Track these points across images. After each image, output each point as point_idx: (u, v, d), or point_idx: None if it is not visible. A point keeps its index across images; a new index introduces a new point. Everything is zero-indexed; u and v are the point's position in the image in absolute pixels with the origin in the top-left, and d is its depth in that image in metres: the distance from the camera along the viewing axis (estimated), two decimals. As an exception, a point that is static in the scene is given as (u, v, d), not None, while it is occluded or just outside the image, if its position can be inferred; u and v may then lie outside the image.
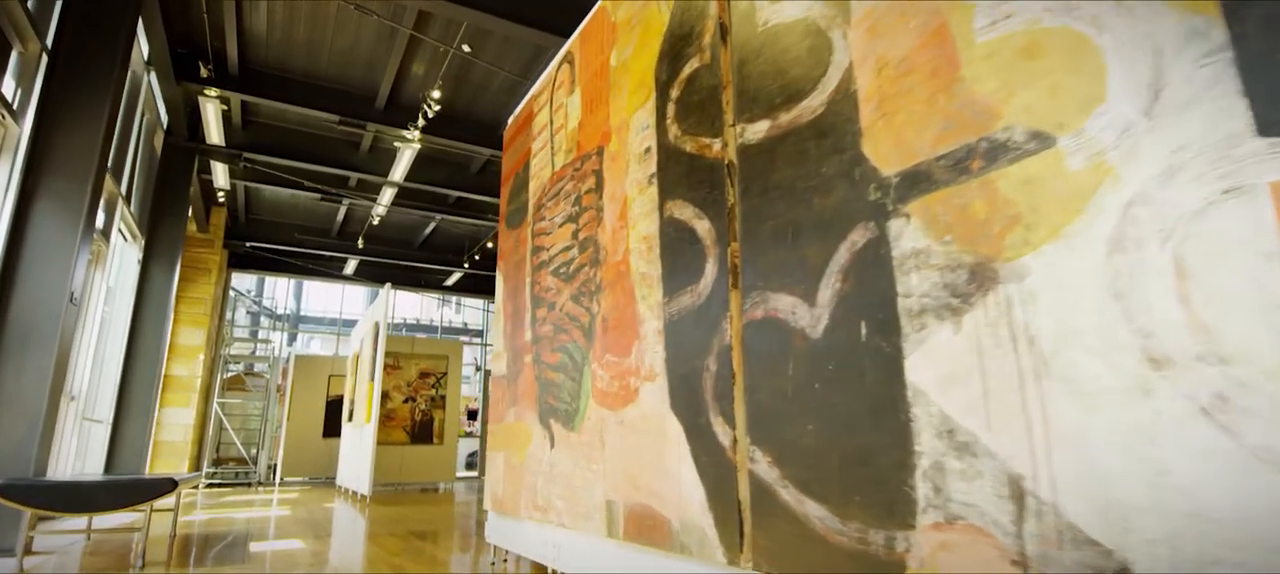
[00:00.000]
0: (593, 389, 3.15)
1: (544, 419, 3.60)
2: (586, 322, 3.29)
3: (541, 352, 3.74)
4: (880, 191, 1.83)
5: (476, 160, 10.23)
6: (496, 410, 4.28)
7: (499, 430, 4.19)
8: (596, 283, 3.23)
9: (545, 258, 3.83)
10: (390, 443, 11.29)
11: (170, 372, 11.25)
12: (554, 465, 3.42)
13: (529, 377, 3.86)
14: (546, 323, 3.72)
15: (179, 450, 11.12)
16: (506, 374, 4.20)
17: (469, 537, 5.62)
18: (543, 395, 3.66)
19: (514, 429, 3.96)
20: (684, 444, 2.47)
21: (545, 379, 3.65)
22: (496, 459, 4.17)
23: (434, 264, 13.73)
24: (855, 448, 1.79)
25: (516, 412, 3.97)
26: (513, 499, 3.84)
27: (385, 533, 5.84)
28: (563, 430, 3.38)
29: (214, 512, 7.70)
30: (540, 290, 3.85)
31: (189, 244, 11.63)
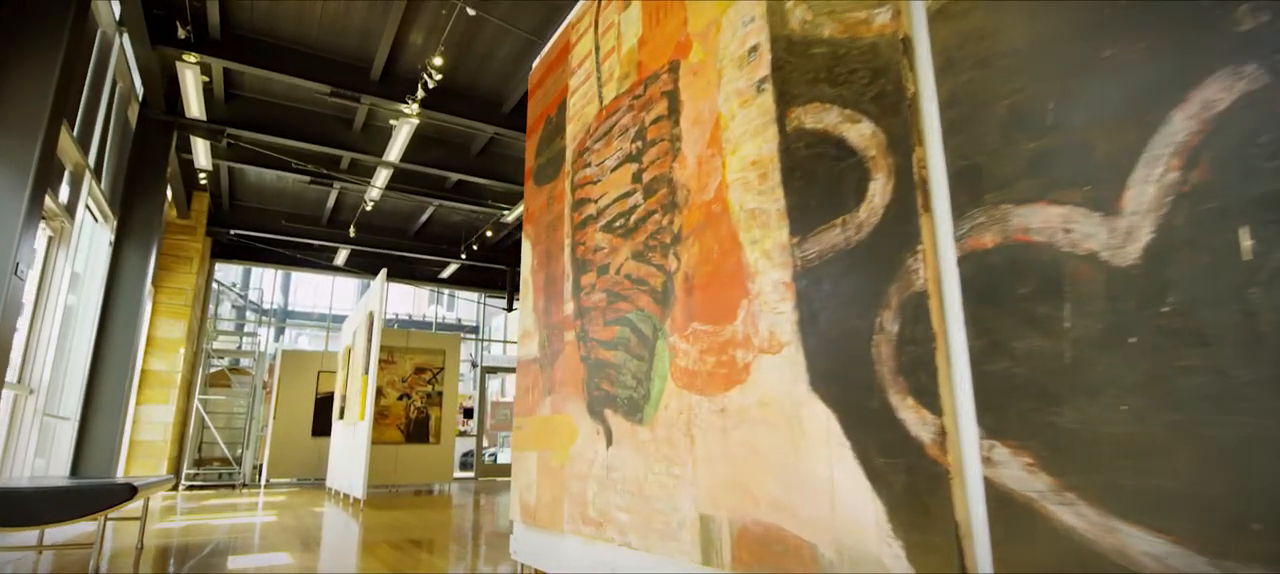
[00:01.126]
0: (671, 369, 2.37)
1: (595, 410, 2.82)
2: (658, 283, 2.51)
3: (590, 326, 2.96)
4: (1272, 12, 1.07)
5: (478, 140, 9.42)
6: (526, 401, 3.49)
7: (530, 425, 3.40)
8: (673, 232, 2.46)
9: (591, 212, 3.05)
10: (384, 442, 10.45)
11: (148, 366, 10.37)
12: (612, 468, 2.64)
13: (572, 358, 3.07)
14: (596, 290, 2.93)
15: (157, 450, 10.24)
16: (539, 357, 3.41)
17: (475, 546, 4.83)
18: (593, 380, 2.88)
19: (551, 424, 3.17)
20: (838, 439, 1.70)
21: (596, 360, 2.87)
22: (526, 461, 3.38)
23: (429, 255, 12.89)
24: (1235, 440, 1.03)
25: (554, 401, 3.18)
26: (550, 509, 3.05)
27: (381, 541, 5.05)
28: (625, 423, 2.60)
29: (192, 518, 6.85)
30: (585, 252, 3.06)
31: (169, 231, 10.75)
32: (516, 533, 3.43)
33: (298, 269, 13.28)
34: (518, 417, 3.53)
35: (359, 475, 7.57)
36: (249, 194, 11.36)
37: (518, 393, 3.58)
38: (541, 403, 3.31)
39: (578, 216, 3.17)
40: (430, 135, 9.43)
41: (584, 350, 2.97)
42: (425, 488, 11.02)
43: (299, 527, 5.97)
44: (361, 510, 7.35)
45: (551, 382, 3.23)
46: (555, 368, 3.21)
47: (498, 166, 9.88)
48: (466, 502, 8.68)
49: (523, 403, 3.51)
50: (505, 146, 9.73)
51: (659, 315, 2.48)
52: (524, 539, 3.35)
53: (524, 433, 3.44)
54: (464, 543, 5.12)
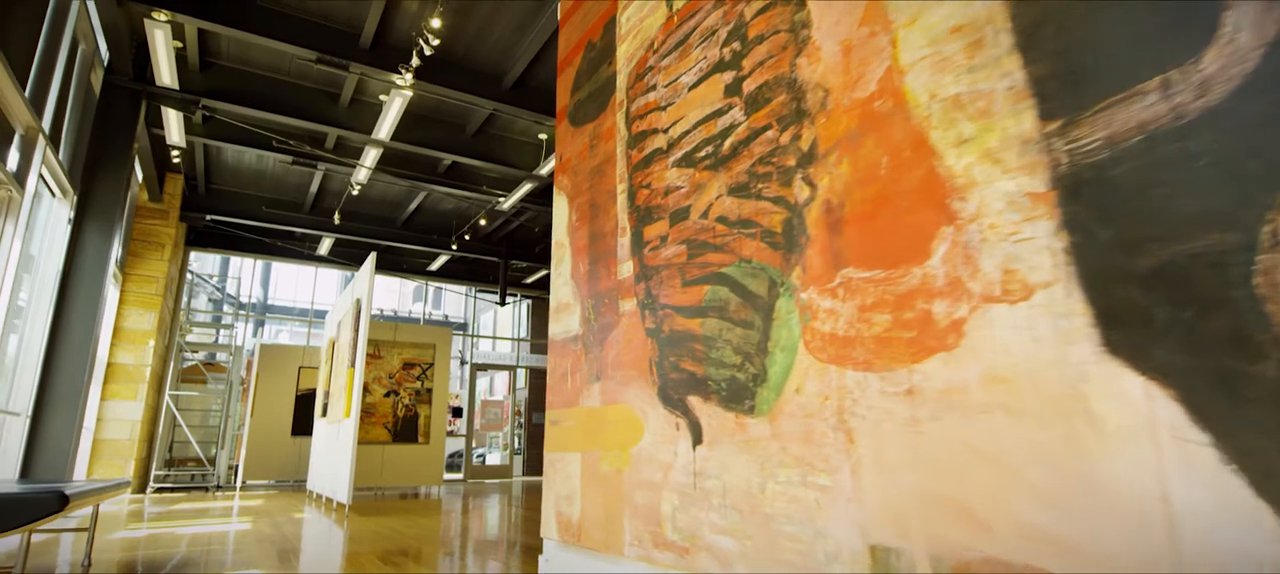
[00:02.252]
0: (806, 337, 1.66)
1: (672, 397, 2.11)
2: (776, 222, 1.80)
3: (661, 290, 2.24)
4: None
5: (474, 119, 8.67)
6: (563, 390, 2.76)
7: (570, 420, 2.67)
8: (801, 151, 1.75)
9: (659, 145, 2.34)
10: (370, 442, 9.65)
11: (114, 359, 9.51)
12: (704, 475, 1.92)
13: (633, 333, 2.36)
14: (670, 243, 2.22)
15: (123, 450, 9.37)
16: (581, 334, 2.69)
17: (481, 560, 4.10)
18: (667, 359, 2.16)
19: (601, 417, 2.45)
20: (1178, 430, 1.00)
21: (673, 333, 2.15)
22: (565, 465, 2.65)
23: (418, 245, 12.08)
24: None
25: (606, 389, 2.46)
26: (604, 528, 2.33)
27: (369, 551, 4.31)
28: (725, 415, 1.89)
29: (158, 525, 6.04)
30: (651, 197, 2.35)
31: (140, 215, 9.90)
32: (550, 555, 2.70)
33: (278, 259, 12.43)
34: (552, 409, 2.80)
35: (343, 478, 6.78)
36: (227, 177, 10.51)
37: (551, 381, 2.86)
38: (586, 391, 2.59)
39: (637, 154, 2.45)
40: (423, 113, 8.67)
41: (653, 321, 2.25)
42: (412, 491, 10.23)
43: (276, 536, 5.20)
44: (346, 517, 6.57)
45: (601, 364, 2.51)
46: (606, 347, 2.50)
47: (495, 148, 9.13)
48: (459, 506, 7.92)
49: (558, 392, 2.79)
50: (503, 126, 8.98)
51: (779, 265, 1.77)
52: (562, 563, 2.62)
53: (561, 430, 2.71)
54: (464, 555, 4.39)
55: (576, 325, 2.72)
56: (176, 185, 10.12)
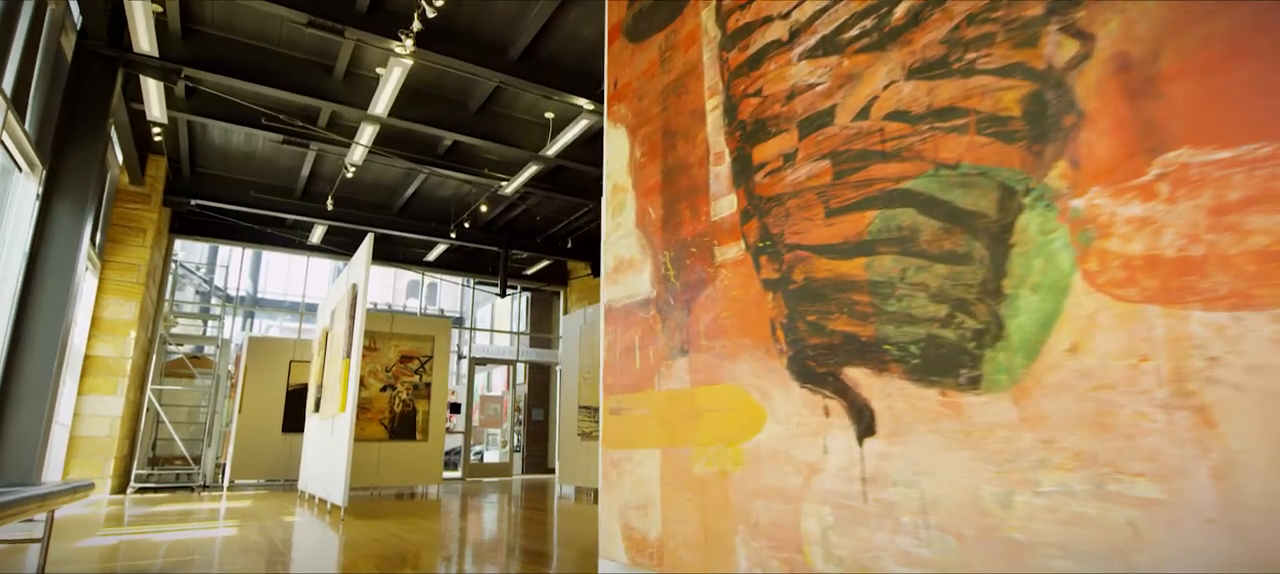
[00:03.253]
0: (1088, 267, 1.04)
1: (816, 371, 1.48)
2: (1011, 102, 1.18)
3: (787, 226, 1.62)
4: None
5: (477, 95, 8.01)
6: (628, 370, 2.13)
7: (640, 407, 2.04)
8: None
9: (776, 37, 1.71)
10: (365, 439, 8.98)
11: (93, 352, 8.79)
12: (882, 481, 1.30)
13: (741, 288, 1.73)
14: (801, 163, 1.60)
15: (102, 448, 8.66)
16: (656, 297, 2.06)
17: (500, 569, 3.48)
18: (805, 320, 1.54)
19: (694, 403, 1.83)
20: None
21: (813, 283, 1.53)
22: (635, 466, 2.02)
23: (415, 234, 11.40)
24: None
25: (701, 365, 1.83)
26: (704, 549, 1.70)
27: (369, 556, 3.68)
28: (922, 393, 1.27)
29: (136, 530, 5.36)
30: (763, 106, 1.73)
31: (120, 199, 9.18)
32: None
33: (268, 247, 11.70)
34: (613, 395, 2.17)
35: (338, 478, 6.12)
36: (213, 159, 9.80)
37: (608, 359, 2.23)
38: (665, 369, 1.96)
39: (739, 54, 1.82)
40: (422, 88, 8.01)
41: (775, 269, 1.63)
42: (408, 491, 9.57)
43: (265, 543, 4.54)
44: (341, 520, 5.91)
45: (689, 333, 1.89)
46: (696, 310, 1.87)
47: (499, 127, 8.48)
48: (461, 508, 7.28)
49: (620, 373, 2.16)
50: (508, 104, 8.33)
51: (1020, 164, 1.15)
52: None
53: (627, 421, 2.08)
54: (471, 564, 3.76)
55: (646, 286, 2.09)
56: (159, 168, 9.40)
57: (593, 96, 7.40)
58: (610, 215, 2.33)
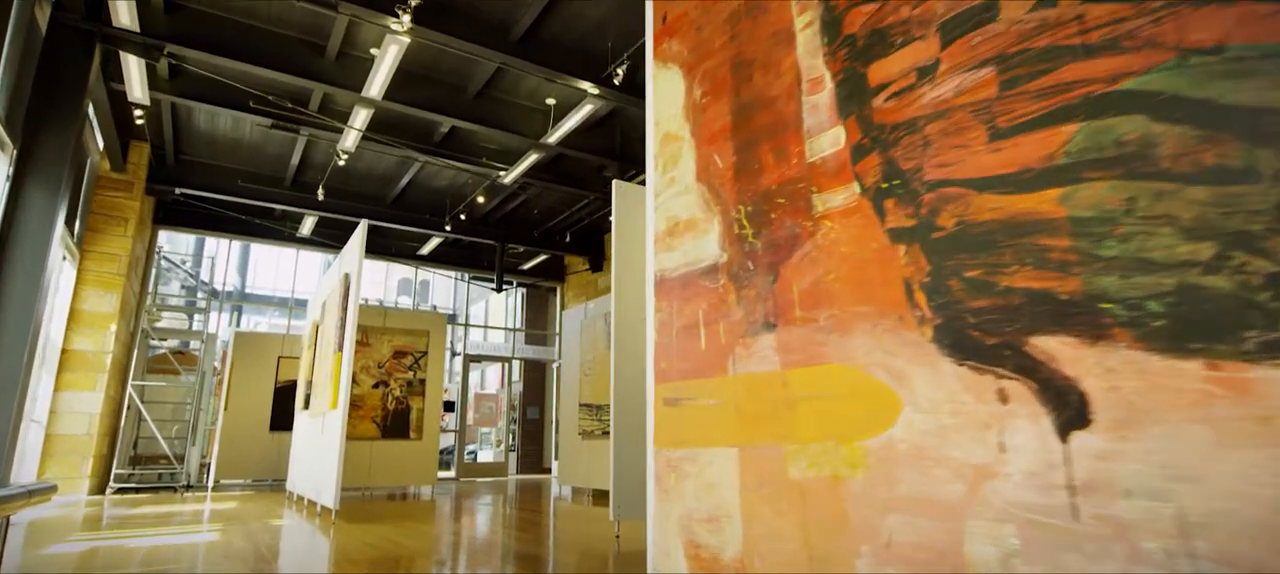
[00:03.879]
0: None
1: (985, 344, 1.10)
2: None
3: (928, 157, 1.24)
4: None
5: (476, 78, 7.60)
6: (690, 351, 1.74)
7: (708, 397, 1.65)
8: None
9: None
10: (356, 437, 8.54)
11: (70, 346, 8.32)
12: (1102, 490, 0.92)
13: (857, 242, 1.35)
14: (945, 76, 1.22)
15: (81, 446, 8.19)
16: (728, 262, 1.67)
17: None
18: (962, 275, 1.16)
19: (788, 389, 1.44)
20: None
21: (969, 228, 1.15)
22: (703, 469, 1.63)
23: (409, 226, 10.96)
24: None
25: (796, 342, 1.45)
26: (808, 571, 1.32)
27: (365, 563, 3.28)
28: (1176, 368, 0.89)
29: (111, 535, 4.92)
30: (880, 13, 1.35)
31: (100, 186, 8.71)
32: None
33: (256, 239, 11.24)
34: (667, 382, 1.78)
35: (329, 478, 5.69)
36: (199, 146, 9.33)
37: (661, 340, 1.84)
38: (743, 348, 1.57)
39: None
40: (418, 71, 7.59)
41: (909, 213, 1.25)
42: (400, 491, 9.15)
43: (250, 549, 4.12)
44: (333, 523, 5.50)
45: (776, 303, 1.50)
46: (786, 273, 1.49)
47: (498, 113, 8.07)
48: (458, 510, 6.87)
49: (679, 355, 1.77)
50: (508, 88, 7.93)
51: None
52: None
53: (688, 413, 1.70)
54: (475, 572, 3.37)
55: (713, 249, 1.70)
56: (142, 154, 8.93)
57: (597, 80, 7.01)
58: (660, 170, 1.94)
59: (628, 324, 4.84)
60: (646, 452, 1.82)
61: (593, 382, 8.40)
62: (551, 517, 6.20)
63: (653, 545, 1.74)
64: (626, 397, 4.67)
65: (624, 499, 4.53)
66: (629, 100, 7.29)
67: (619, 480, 4.50)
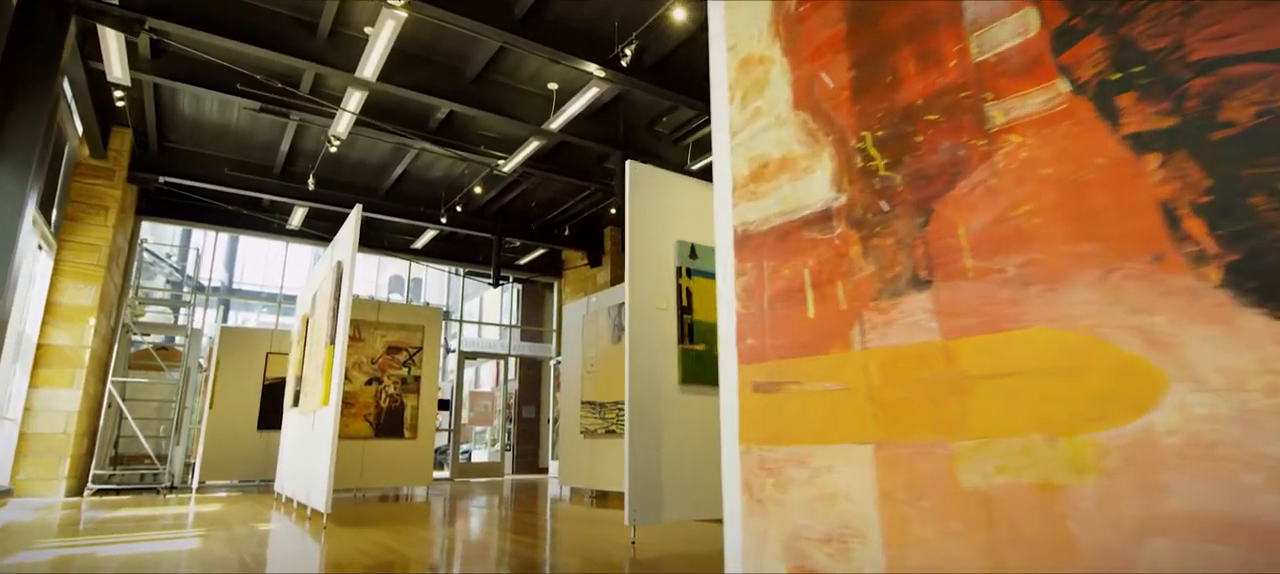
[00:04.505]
0: None
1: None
2: None
3: (1187, 30, 0.86)
4: None
5: (476, 60, 7.19)
6: (785, 323, 1.35)
7: (823, 380, 1.26)
8: None
9: None
10: (348, 436, 8.10)
11: (47, 340, 7.84)
12: None
13: (1062, 154, 0.96)
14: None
15: (57, 446, 7.72)
16: (844, 205, 1.28)
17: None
18: (1259, 194, 0.78)
19: (949, 361, 1.05)
20: None
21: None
22: (807, 469, 1.24)
23: (402, 218, 10.52)
24: None
25: (951, 302, 1.06)
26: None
27: (355, 570, 2.88)
28: None
29: (82, 543, 4.48)
30: None
31: (79, 173, 8.24)
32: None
33: (244, 231, 10.77)
34: (758, 364, 1.39)
35: (320, 479, 5.26)
36: (184, 132, 8.86)
37: (743, 312, 1.45)
38: (873, 316, 1.19)
39: None
40: (415, 51, 7.18)
41: (1169, 108, 0.86)
42: (393, 493, 8.73)
43: (233, 558, 3.70)
44: (324, 527, 5.08)
45: (928, 253, 1.12)
46: (942, 211, 1.10)
47: (498, 97, 7.66)
48: (455, 511, 6.46)
49: (771, 330, 1.38)
50: (508, 71, 7.52)
51: None
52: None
53: (791, 400, 1.31)
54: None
55: (823, 190, 1.32)
56: (124, 141, 8.46)
57: (604, 62, 6.62)
58: (739, 103, 1.55)
59: (643, 313, 4.45)
60: (726, 451, 1.43)
61: (595, 378, 8.00)
62: (556, 519, 5.80)
63: (746, 564, 1.35)
64: (642, 391, 4.28)
65: (641, 503, 4.13)
66: (636, 84, 6.90)
67: (635, 482, 4.10)
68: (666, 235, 4.71)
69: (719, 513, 4.47)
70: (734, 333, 1.45)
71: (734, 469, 1.39)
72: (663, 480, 4.27)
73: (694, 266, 4.76)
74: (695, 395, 4.56)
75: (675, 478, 4.31)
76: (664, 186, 4.83)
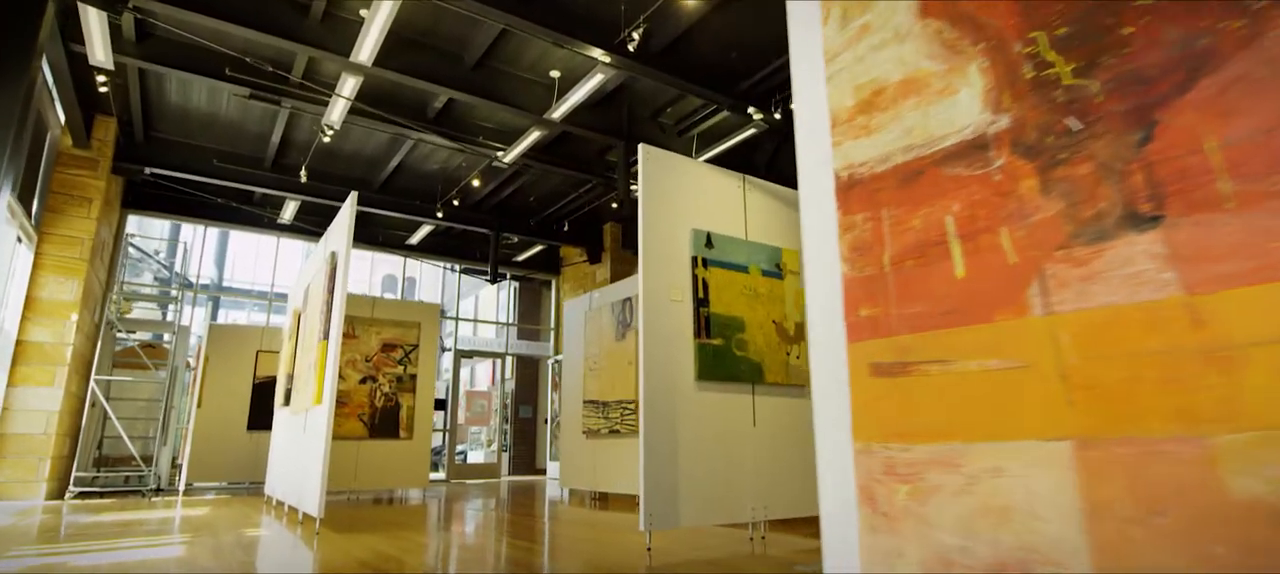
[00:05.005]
0: None
1: None
2: None
3: None
4: None
5: (477, 42, 6.86)
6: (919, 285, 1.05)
7: (966, 353, 0.96)
8: None
9: None
10: (342, 436, 7.75)
11: (27, 336, 7.47)
12: None
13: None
14: None
15: (37, 447, 7.34)
16: (1001, 133, 0.98)
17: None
18: None
19: (1198, 323, 0.75)
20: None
21: None
22: (959, 472, 0.94)
23: (398, 212, 10.17)
24: None
25: (1199, 245, 0.76)
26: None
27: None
28: None
29: (59, 549, 4.12)
30: None
31: (61, 163, 7.87)
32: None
33: (233, 225, 10.39)
34: (879, 339, 1.09)
35: (313, 482, 4.92)
36: (171, 121, 8.49)
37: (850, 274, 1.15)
38: (1062, 269, 0.88)
39: None
40: (413, 37, 6.85)
41: None
42: (387, 495, 8.39)
43: (218, 568, 3.37)
44: (316, 533, 4.74)
45: (1145, 183, 0.82)
46: (1169, 125, 0.80)
47: (498, 85, 7.34)
48: (453, 514, 6.13)
49: (895, 297, 1.08)
50: (509, 58, 7.20)
51: None
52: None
53: (923, 384, 1.00)
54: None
55: (971, 113, 1.01)
56: (108, 130, 8.09)
57: (609, 47, 6.31)
58: (839, 22, 1.25)
59: (658, 304, 4.14)
60: (827, 450, 1.12)
61: (598, 376, 7.69)
62: (562, 524, 5.49)
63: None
64: (657, 388, 3.97)
65: (657, 507, 3.82)
66: (643, 71, 6.60)
67: (650, 485, 3.79)
68: (681, 223, 4.41)
69: (739, 518, 4.16)
70: (840, 303, 1.15)
71: (845, 473, 1.09)
72: (680, 483, 3.96)
73: (710, 257, 4.46)
74: (712, 392, 4.25)
75: (693, 480, 4.00)
76: (679, 172, 4.53)
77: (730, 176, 4.76)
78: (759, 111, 7.25)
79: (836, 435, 1.12)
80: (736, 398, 4.37)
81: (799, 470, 4.60)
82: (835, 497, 1.11)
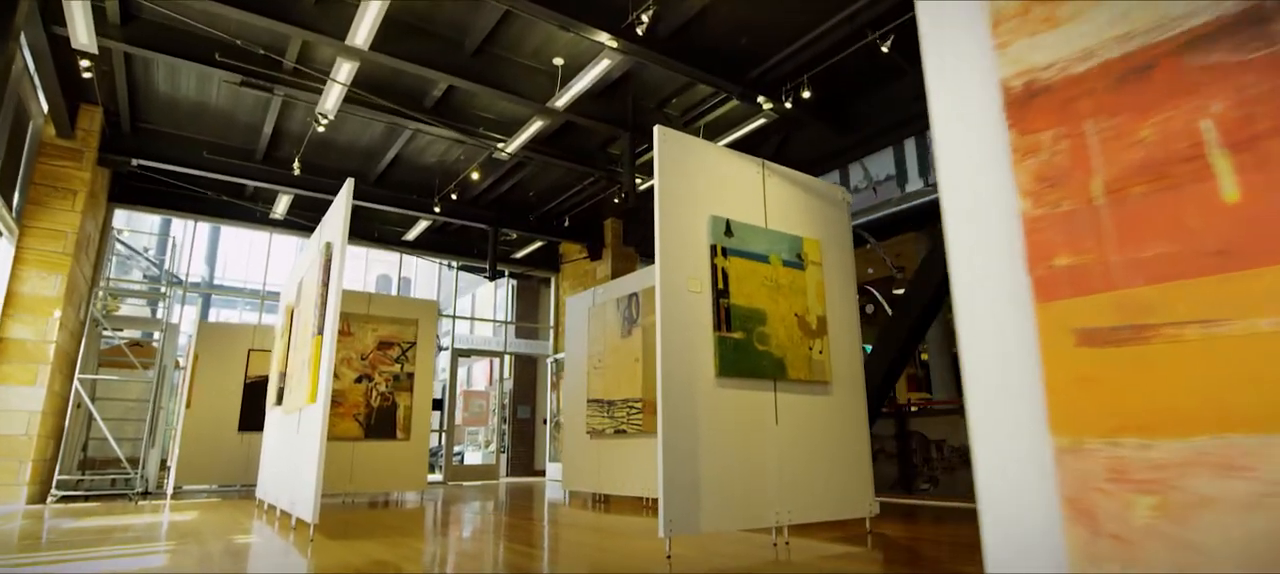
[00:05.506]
0: None
1: None
2: None
3: None
4: None
5: (478, 27, 6.54)
6: (1148, 228, 0.75)
7: (1243, 313, 0.66)
8: None
9: None
10: (337, 437, 7.41)
11: (7, 334, 7.11)
12: None
13: None
14: None
15: (18, 448, 6.98)
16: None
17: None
18: None
19: None
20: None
21: None
22: (1242, 476, 0.64)
23: (394, 207, 9.84)
24: None
25: None
26: None
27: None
28: None
29: (35, 560, 3.78)
30: None
31: (44, 153, 7.52)
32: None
33: (224, 219, 10.03)
34: (1076, 296, 0.79)
35: (306, 485, 4.59)
36: (159, 111, 8.13)
37: (1036, 213, 0.85)
38: None
39: None
40: (411, 22, 6.52)
41: None
42: (383, 498, 8.06)
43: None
44: (310, 540, 4.42)
45: None
46: None
47: (499, 73, 7.02)
48: (452, 517, 5.82)
49: (1113, 241, 0.78)
50: (511, 45, 6.88)
51: None
52: None
53: (1167, 354, 0.70)
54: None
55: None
56: (93, 120, 7.74)
57: (616, 31, 6.00)
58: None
59: (676, 295, 3.84)
60: (980, 448, 0.82)
61: (603, 375, 7.38)
62: (568, 529, 5.18)
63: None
64: (676, 384, 3.67)
65: (678, 511, 3.51)
66: (651, 56, 6.29)
67: (671, 486, 3.49)
68: (700, 209, 4.11)
69: (761, 522, 3.86)
70: (1021, 250, 0.85)
71: (1046, 479, 0.79)
72: (701, 485, 3.65)
73: (730, 246, 4.16)
74: (733, 389, 3.95)
75: (713, 482, 3.70)
76: (697, 155, 4.23)
77: (749, 161, 4.46)
78: (769, 100, 6.96)
79: (1017, 429, 0.83)
80: (758, 395, 4.08)
81: (822, 472, 4.31)
82: (1018, 519, 0.81)
